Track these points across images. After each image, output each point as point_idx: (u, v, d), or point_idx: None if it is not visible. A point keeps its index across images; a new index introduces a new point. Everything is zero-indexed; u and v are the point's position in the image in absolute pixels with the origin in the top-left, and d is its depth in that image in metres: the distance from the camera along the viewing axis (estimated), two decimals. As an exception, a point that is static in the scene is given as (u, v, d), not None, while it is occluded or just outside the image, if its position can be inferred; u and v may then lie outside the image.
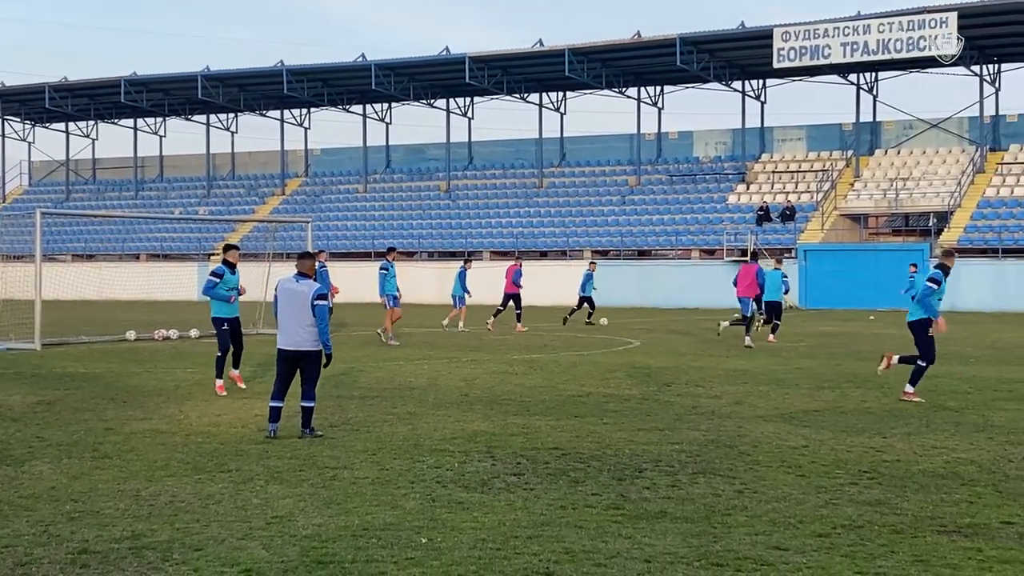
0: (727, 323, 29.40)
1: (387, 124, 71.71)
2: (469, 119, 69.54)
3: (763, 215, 55.08)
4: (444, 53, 61.98)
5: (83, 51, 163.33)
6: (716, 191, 60.20)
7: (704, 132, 65.90)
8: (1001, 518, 9.03)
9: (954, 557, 7.87)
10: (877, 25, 51.81)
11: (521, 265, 35.39)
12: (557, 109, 66.99)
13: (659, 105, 64.71)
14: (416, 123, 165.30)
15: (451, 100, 68.16)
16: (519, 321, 33.58)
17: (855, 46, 52.30)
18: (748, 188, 59.46)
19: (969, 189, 53.44)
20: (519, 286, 34.06)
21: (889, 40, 51.54)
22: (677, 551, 8.01)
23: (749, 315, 28.24)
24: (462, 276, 33.26)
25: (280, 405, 13.12)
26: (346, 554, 7.95)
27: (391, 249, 29.92)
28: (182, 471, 11.04)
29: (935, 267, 16.80)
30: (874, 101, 59.42)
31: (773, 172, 60.44)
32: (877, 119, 60.15)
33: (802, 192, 57.70)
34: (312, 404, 13.17)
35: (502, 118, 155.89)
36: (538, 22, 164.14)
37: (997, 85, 56.69)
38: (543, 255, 58.50)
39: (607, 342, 28.81)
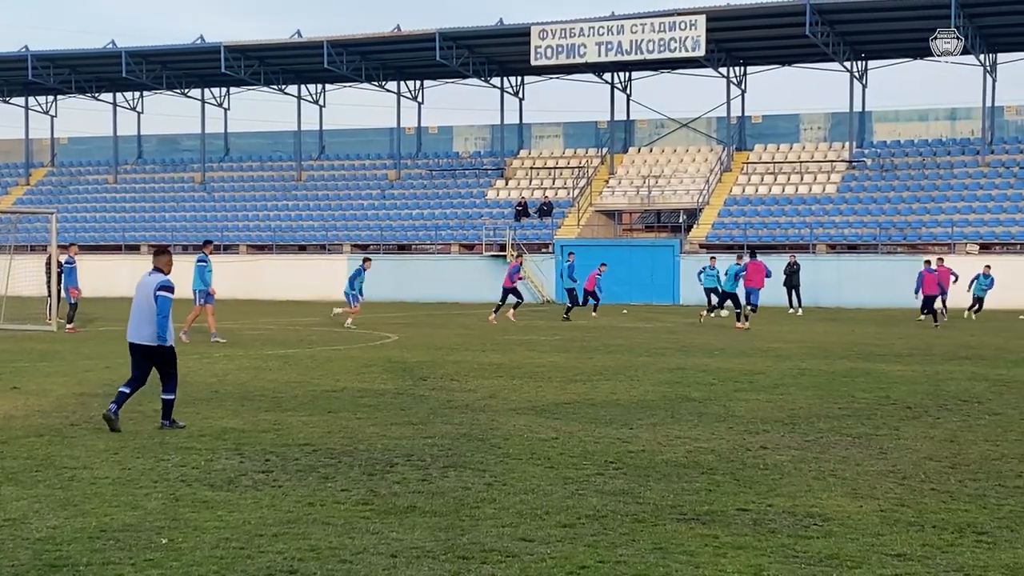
0: (705, 312, 35.61)
1: (139, 113, 69.68)
2: (225, 110, 68.19)
3: (521, 211, 55.85)
4: (199, 42, 60.62)
5: None
6: (475, 186, 60.68)
7: (464, 127, 66.32)
8: (737, 505, 9.34)
9: (692, 544, 8.10)
10: (630, 26, 53.13)
11: (521, 263, 38.01)
12: (316, 101, 66.33)
13: (419, 99, 64.78)
14: (170, 113, 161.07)
15: (206, 90, 66.67)
16: (515, 308, 36.25)
17: (610, 46, 53.52)
18: (507, 184, 60.15)
19: (717, 187, 55.38)
20: (513, 281, 36.00)
21: (642, 41, 52.93)
22: (424, 545, 8.01)
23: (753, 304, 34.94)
24: (358, 275, 32.62)
25: (126, 391, 13.13)
26: (81, 556, 7.66)
27: (208, 242, 28.63)
28: (-93, 475, 10.45)
29: None
30: (628, 100, 60.91)
31: (531, 168, 61.30)
32: (631, 118, 61.64)
33: (559, 188, 58.73)
34: (171, 397, 13.26)
35: (260, 109, 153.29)
36: (297, 13, 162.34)
37: (743, 87, 58.91)
38: (302, 249, 57.91)
39: (364, 337, 28.69)
